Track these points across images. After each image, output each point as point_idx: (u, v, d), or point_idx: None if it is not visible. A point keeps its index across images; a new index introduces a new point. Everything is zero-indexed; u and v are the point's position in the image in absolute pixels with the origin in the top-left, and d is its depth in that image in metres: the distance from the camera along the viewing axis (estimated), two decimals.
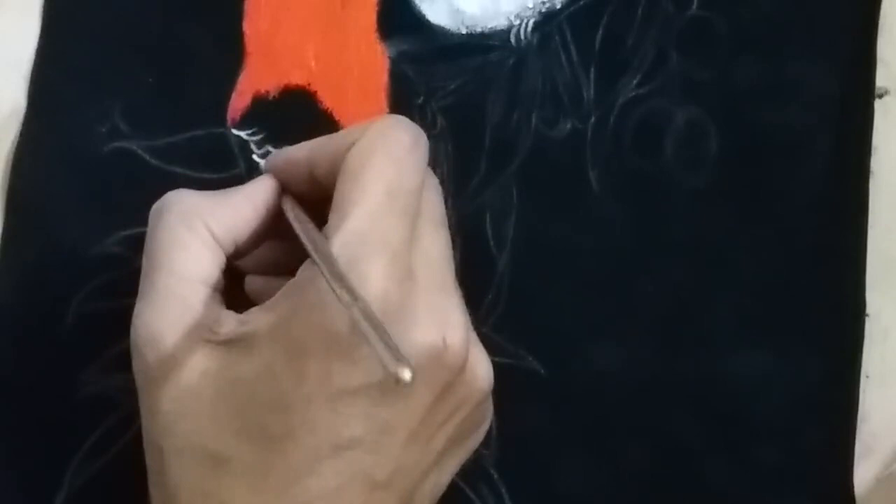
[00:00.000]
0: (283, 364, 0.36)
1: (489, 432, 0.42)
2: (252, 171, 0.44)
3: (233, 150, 0.45)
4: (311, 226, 0.38)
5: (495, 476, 0.43)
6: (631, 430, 0.44)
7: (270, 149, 0.44)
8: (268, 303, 0.37)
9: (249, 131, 0.45)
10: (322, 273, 0.35)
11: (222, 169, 0.44)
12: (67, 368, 0.43)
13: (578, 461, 0.44)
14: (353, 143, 0.38)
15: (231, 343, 0.37)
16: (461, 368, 0.37)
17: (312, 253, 0.36)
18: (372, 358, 0.35)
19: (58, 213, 0.44)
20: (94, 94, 0.45)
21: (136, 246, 0.43)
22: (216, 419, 0.37)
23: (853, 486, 0.45)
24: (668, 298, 0.45)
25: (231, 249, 0.40)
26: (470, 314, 0.40)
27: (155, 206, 0.40)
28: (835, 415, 0.45)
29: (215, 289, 0.39)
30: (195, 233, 0.39)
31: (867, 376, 0.45)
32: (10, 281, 0.44)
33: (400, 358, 0.32)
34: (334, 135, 0.41)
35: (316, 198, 0.40)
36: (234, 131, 0.45)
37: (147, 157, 0.44)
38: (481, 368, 0.39)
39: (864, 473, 0.45)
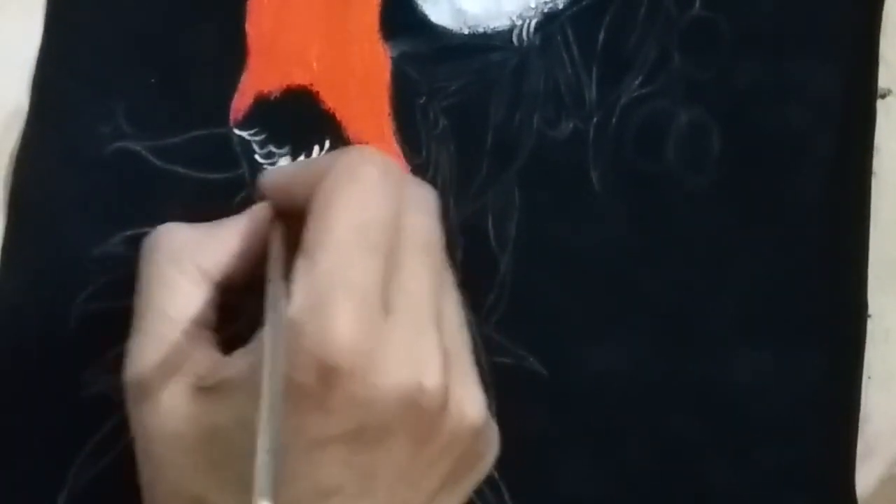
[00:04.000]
0: (254, 413, 0.35)
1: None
2: (255, 172, 0.44)
3: (235, 151, 0.45)
4: (279, 268, 0.37)
5: (496, 476, 0.43)
6: (632, 430, 0.44)
7: (273, 149, 0.44)
8: (249, 345, 0.37)
9: (252, 131, 0.45)
10: (264, 348, 0.34)
11: (225, 169, 0.45)
12: (70, 368, 0.44)
13: (580, 461, 0.44)
14: (325, 173, 0.37)
15: (211, 389, 0.37)
16: (441, 410, 0.36)
17: (267, 317, 0.35)
18: (347, 408, 0.34)
19: (61, 214, 0.44)
20: (97, 94, 0.45)
21: (139, 246, 0.44)
22: (199, 466, 0.36)
23: (855, 488, 0.45)
24: (669, 299, 0.45)
25: (223, 282, 0.39)
26: (471, 314, 0.40)
27: (145, 243, 0.40)
28: (837, 416, 0.45)
29: (204, 326, 0.39)
30: (184, 273, 0.39)
31: (869, 377, 0.45)
32: (13, 281, 0.44)
33: (263, 492, 0.31)
34: (309, 162, 0.40)
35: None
36: (237, 131, 0.45)
37: (150, 158, 0.44)
38: (469, 405, 0.38)
39: (866, 474, 0.45)
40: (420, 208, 0.38)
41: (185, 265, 0.39)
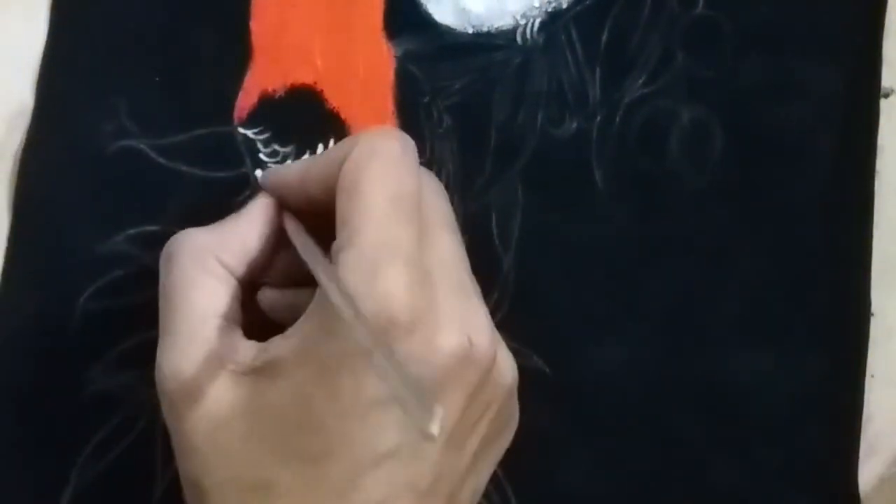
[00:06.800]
0: (314, 385, 0.36)
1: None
2: (259, 170, 0.45)
3: (239, 149, 0.45)
4: (312, 246, 0.38)
5: (500, 474, 0.43)
6: (635, 429, 0.44)
7: (277, 147, 0.44)
8: (289, 330, 0.37)
9: (256, 130, 0.45)
10: (331, 297, 0.35)
11: (228, 167, 0.45)
12: (74, 366, 0.44)
13: (583, 460, 0.44)
14: (345, 158, 0.38)
15: (257, 371, 0.37)
16: (490, 366, 0.37)
17: (321, 277, 0.36)
18: (405, 366, 0.35)
19: (65, 212, 0.44)
20: (101, 92, 0.45)
21: (143, 244, 0.44)
22: (251, 447, 0.37)
23: (857, 487, 0.45)
24: (673, 298, 0.45)
25: (245, 275, 0.40)
26: None
27: (165, 250, 0.40)
28: (839, 414, 0.45)
29: (233, 320, 0.39)
30: (208, 271, 0.39)
31: (872, 376, 0.45)
32: (17, 279, 0.44)
33: (427, 410, 0.31)
34: (323, 153, 0.41)
35: (313, 214, 0.40)
36: (241, 130, 0.45)
37: (153, 156, 0.44)
38: (506, 365, 0.39)
39: (868, 473, 0.45)
40: (434, 190, 0.39)
41: (209, 264, 0.39)
